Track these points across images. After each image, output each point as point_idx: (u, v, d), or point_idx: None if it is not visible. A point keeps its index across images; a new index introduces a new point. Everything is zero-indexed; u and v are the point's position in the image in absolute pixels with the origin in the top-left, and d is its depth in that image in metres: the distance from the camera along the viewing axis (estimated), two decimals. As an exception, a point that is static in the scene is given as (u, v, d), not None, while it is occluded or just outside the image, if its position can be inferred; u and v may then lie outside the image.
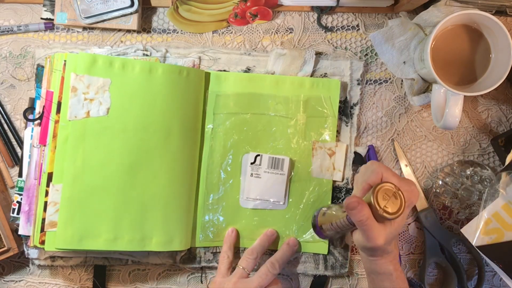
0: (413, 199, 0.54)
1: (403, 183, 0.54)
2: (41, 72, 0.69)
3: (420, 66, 0.68)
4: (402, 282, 0.58)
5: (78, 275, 0.71)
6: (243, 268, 0.66)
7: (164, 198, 0.66)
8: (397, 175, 0.55)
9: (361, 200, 0.52)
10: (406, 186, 0.54)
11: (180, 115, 0.67)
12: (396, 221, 0.53)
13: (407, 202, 0.53)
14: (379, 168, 0.54)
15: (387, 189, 0.52)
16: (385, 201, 0.52)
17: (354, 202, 0.52)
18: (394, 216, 0.52)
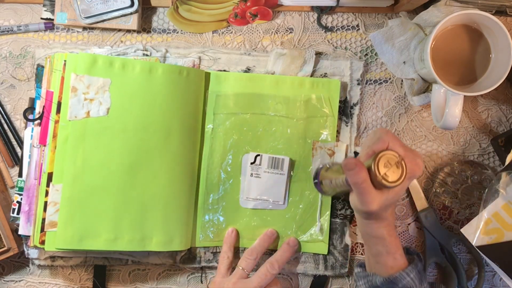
0: (417, 172, 0.53)
1: (408, 154, 0.53)
2: (41, 72, 0.69)
3: (420, 66, 0.68)
4: (396, 247, 0.58)
5: (78, 275, 0.71)
6: (242, 269, 0.66)
7: (164, 198, 0.66)
8: (404, 146, 0.54)
9: (359, 162, 0.52)
10: (411, 157, 0.53)
11: (180, 115, 0.67)
12: (395, 190, 0.53)
13: (409, 174, 0.52)
14: (386, 136, 0.54)
15: (389, 157, 0.52)
16: (386, 169, 0.51)
17: (352, 163, 0.52)
18: (393, 185, 0.51)
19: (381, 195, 0.53)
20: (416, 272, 0.58)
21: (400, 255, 0.58)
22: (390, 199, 0.54)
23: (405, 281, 0.57)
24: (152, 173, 0.66)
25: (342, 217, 0.72)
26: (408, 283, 0.57)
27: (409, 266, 0.58)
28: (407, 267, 0.58)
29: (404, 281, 0.57)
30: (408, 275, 0.57)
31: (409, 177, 0.53)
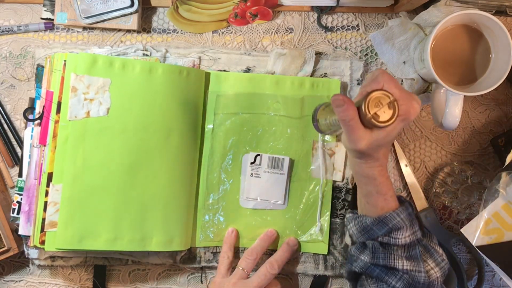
0: (411, 114, 0.53)
1: (403, 96, 0.52)
2: (41, 72, 0.69)
3: (420, 66, 0.68)
4: (387, 188, 0.57)
5: (78, 275, 0.71)
6: (242, 269, 0.66)
7: (164, 198, 0.66)
8: (401, 88, 0.53)
9: (348, 99, 0.52)
10: (406, 99, 0.52)
11: (180, 115, 0.67)
12: (386, 130, 0.52)
13: (403, 115, 0.52)
14: (382, 77, 0.53)
15: (381, 96, 0.51)
16: (376, 108, 0.51)
17: (340, 99, 0.52)
18: (383, 125, 0.51)
19: (371, 135, 0.52)
20: (407, 214, 0.57)
21: (391, 196, 0.58)
22: (381, 139, 0.53)
23: (395, 221, 0.56)
24: (152, 173, 0.66)
25: (342, 217, 0.72)
26: (398, 223, 0.56)
27: (400, 207, 0.57)
28: (397, 208, 0.57)
29: (394, 221, 0.56)
30: (398, 215, 0.57)
31: (402, 119, 0.52)
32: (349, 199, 0.72)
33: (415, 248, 0.58)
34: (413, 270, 0.56)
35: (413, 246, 0.58)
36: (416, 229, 0.58)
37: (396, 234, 0.57)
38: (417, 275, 0.56)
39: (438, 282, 0.58)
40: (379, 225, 0.57)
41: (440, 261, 0.59)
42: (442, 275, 0.59)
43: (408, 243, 0.57)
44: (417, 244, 0.58)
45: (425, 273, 0.57)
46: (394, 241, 0.57)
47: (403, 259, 0.57)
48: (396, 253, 0.57)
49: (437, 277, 0.58)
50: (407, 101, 0.52)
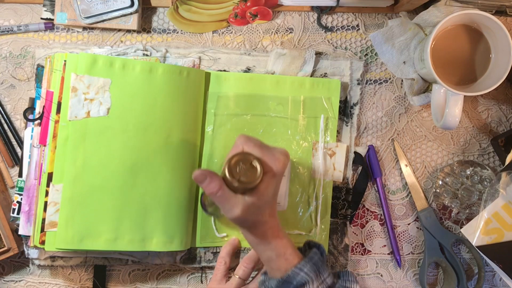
0: (278, 166, 0.52)
1: (264, 152, 0.52)
2: (41, 72, 0.69)
3: (420, 66, 0.68)
4: (284, 248, 0.56)
5: (78, 275, 0.71)
6: (239, 277, 0.65)
7: (165, 198, 0.66)
8: (261, 145, 0.53)
9: (209, 172, 0.51)
10: (268, 155, 0.52)
11: (180, 115, 0.67)
12: (260, 191, 0.52)
13: (270, 171, 0.52)
14: (239, 140, 0.53)
15: (241, 158, 0.51)
16: (239, 171, 0.51)
17: (200, 175, 0.51)
18: (249, 185, 0.51)
19: (244, 199, 0.52)
20: (311, 265, 0.55)
21: (291, 254, 0.56)
22: (256, 201, 0.52)
23: (299, 277, 0.54)
24: (153, 173, 0.66)
25: (342, 217, 0.72)
26: (303, 279, 0.54)
27: (301, 261, 0.55)
28: (299, 263, 0.55)
29: (298, 277, 0.54)
30: (301, 270, 0.55)
31: (271, 175, 0.52)
32: (349, 199, 0.72)
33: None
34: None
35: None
36: (325, 276, 0.56)
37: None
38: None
39: None
40: (284, 286, 0.55)
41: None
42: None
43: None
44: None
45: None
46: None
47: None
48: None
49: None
50: (270, 156, 0.52)
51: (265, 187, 0.52)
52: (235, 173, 0.51)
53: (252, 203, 0.52)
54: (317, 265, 0.56)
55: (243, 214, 0.52)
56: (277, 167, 0.52)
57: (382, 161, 0.73)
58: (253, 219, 0.54)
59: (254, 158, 0.51)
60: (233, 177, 0.51)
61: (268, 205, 0.54)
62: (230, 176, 0.51)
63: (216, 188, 0.51)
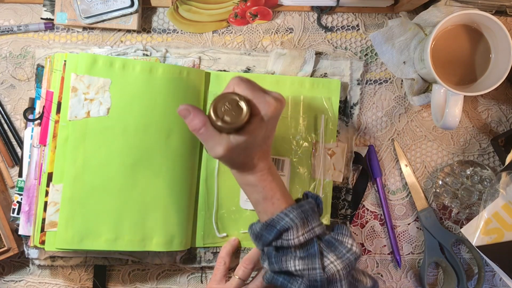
0: (267, 110, 0.52)
1: (255, 94, 0.52)
2: (41, 72, 0.69)
3: (420, 66, 0.68)
4: (272, 192, 0.55)
5: (78, 275, 0.71)
6: (239, 278, 0.65)
7: (165, 198, 0.66)
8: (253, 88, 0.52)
9: (193, 108, 0.51)
10: (258, 97, 0.52)
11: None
12: (247, 132, 0.51)
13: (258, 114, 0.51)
14: (232, 81, 0.53)
15: (228, 99, 0.51)
16: (224, 111, 0.51)
17: (184, 109, 0.51)
18: (233, 126, 0.51)
19: (228, 139, 0.51)
20: (298, 212, 0.54)
21: (279, 198, 0.55)
22: (243, 142, 0.52)
23: (283, 222, 0.53)
24: (153, 173, 0.66)
25: (342, 217, 0.72)
26: (287, 224, 0.53)
27: (288, 207, 0.55)
28: (285, 208, 0.54)
29: (282, 222, 0.53)
30: (287, 215, 0.54)
31: (260, 117, 0.52)
32: (349, 199, 0.72)
33: (313, 245, 0.54)
34: (305, 269, 0.53)
35: (310, 244, 0.54)
36: (313, 225, 0.54)
37: (287, 235, 0.53)
38: (311, 273, 0.53)
39: (340, 275, 0.53)
40: (268, 230, 0.54)
41: (345, 253, 0.54)
42: (346, 266, 0.54)
43: (303, 242, 0.54)
44: (316, 241, 0.54)
45: (320, 269, 0.52)
46: (287, 243, 0.54)
47: (295, 260, 0.53)
48: (291, 254, 0.54)
49: (338, 270, 0.53)
50: (260, 99, 0.52)
51: (253, 129, 0.52)
52: (220, 112, 0.51)
53: (236, 144, 0.52)
54: (306, 213, 0.54)
55: (226, 154, 0.52)
56: (266, 111, 0.52)
57: (382, 161, 0.73)
58: (239, 160, 0.54)
59: (241, 99, 0.51)
60: (217, 116, 0.51)
61: (257, 148, 0.54)
62: (214, 115, 0.51)
63: (199, 124, 0.51)
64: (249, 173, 0.55)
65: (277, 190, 0.56)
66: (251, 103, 0.52)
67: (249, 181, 0.56)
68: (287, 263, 0.53)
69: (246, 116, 0.51)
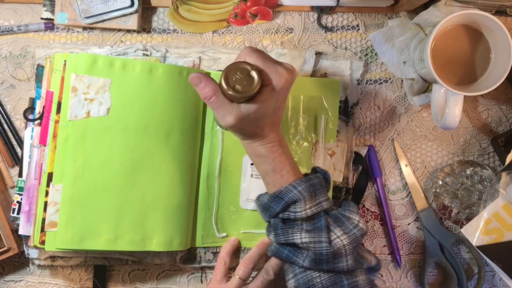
0: (279, 81, 0.52)
1: (267, 64, 0.52)
2: (41, 72, 0.69)
3: (420, 66, 0.68)
4: (282, 165, 0.55)
5: (78, 275, 0.71)
6: (239, 278, 0.65)
7: (165, 198, 0.66)
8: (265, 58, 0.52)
9: (205, 77, 0.51)
10: (270, 67, 0.52)
11: (180, 115, 0.67)
12: (258, 101, 0.51)
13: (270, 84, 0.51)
14: (243, 51, 0.53)
15: (240, 68, 0.51)
16: (236, 80, 0.51)
17: (196, 77, 0.51)
18: (244, 95, 0.51)
19: (238, 108, 0.52)
20: (307, 185, 0.54)
21: (288, 171, 0.55)
22: (253, 111, 0.52)
23: (291, 194, 0.53)
24: (153, 173, 0.66)
25: (342, 217, 0.72)
26: (295, 196, 0.53)
27: (297, 180, 0.54)
28: (294, 181, 0.54)
29: (290, 194, 0.53)
30: (295, 188, 0.54)
31: (271, 87, 0.51)
32: (349, 199, 0.72)
33: (320, 219, 0.54)
34: (312, 242, 0.52)
35: (317, 218, 0.54)
36: (321, 200, 0.55)
37: (294, 208, 0.54)
38: (317, 246, 0.52)
39: (346, 250, 0.53)
40: (275, 201, 0.54)
41: (352, 228, 0.54)
42: (352, 241, 0.53)
43: (310, 216, 0.54)
44: (323, 215, 0.54)
45: (326, 243, 0.52)
46: (294, 215, 0.54)
47: (302, 232, 0.53)
48: (298, 227, 0.54)
49: (344, 244, 0.53)
50: (272, 69, 0.52)
51: (263, 99, 0.52)
52: (231, 81, 0.51)
53: (247, 114, 0.52)
54: (314, 187, 0.55)
55: (236, 123, 0.52)
56: (277, 81, 0.52)
57: (382, 161, 0.73)
58: (250, 130, 0.54)
59: (253, 69, 0.51)
60: (228, 85, 0.51)
61: (268, 119, 0.54)
62: (225, 84, 0.51)
63: (210, 93, 0.51)
64: (260, 144, 0.55)
65: (287, 162, 0.56)
66: (262, 73, 0.52)
67: (259, 152, 0.55)
68: (293, 235, 0.53)
69: (258, 85, 0.51)
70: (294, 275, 0.55)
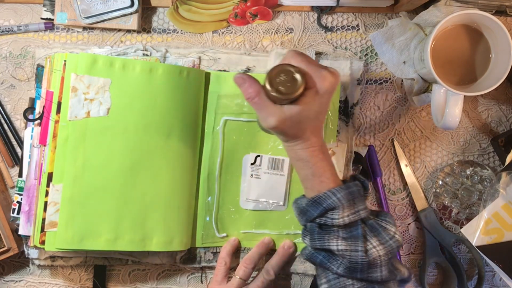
0: (323, 84, 0.51)
1: (312, 68, 0.52)
2: (41, 72, 0.69)
3: (420, 66, 0.68)
4: (323, 170, 0.55)
5: (78, 275, 0.71)
6: (239, 278, 0.65)
7: (165, 198, 0.66)
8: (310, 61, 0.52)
9: (249, 77, 0.51)
10: (315, 71, 0.52)
11: (180, 115, 0.67)
12: (301, 104, 0.51)
13: (314, 87, 0.51)
14: (289, 54, 0.53)
15: (284, 70, 0.51)
16: (280, 83, 0.50)
17: (240, 78, 0.52)
18: (287, 97, 0.50)
19: (281, 110, 0.51)
20: (346, 193, 0.54)
21: (328, 178, 0.55)
22: (296, 114, 0.52)
23: (330, 201, 0.53)
24: (153, 173, 0.66)
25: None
26: (333, 203, 0.53)
27: (338, 187, 0.54)
28: (334, 188, 0.54)
29: (329, 200, 0.53)
30: (334, 194, 0.53)
31: (315, 91, 0.51)
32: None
33: (357, 227, 0.54)
34: (348, 250, 0.53)
35: (354, 226, 0.54)
36: (359, 208, 0.55)
37: (332, 214, 0.54)
38: (353, 254, 0.53)
39: (381, 260, 0.53)
40: (314, 206, 0.54)
41: (388, 239, 0.54)
42: (387, 253, 0.54)
43: (347, 223, 0.54)
44: (360, 224, 0.54)
45: (362, 252, 0.53)
46: (331, 222, 0.54)
47: (338, 239, 0.53)
48: (334, 233, 0.54)
49: (380, 255, 0.53)
50: (316, 72, 0.51)
51: (307, 102, 0.51)
52: (274, 83, 0.50)
53: (290, 116, 0.52)
54: (353, 195, 0.54)
55: (278, 125, 0.52)
56: (321, 84, 0.51)
57: (382, 161, 0.73)
58: (292, 132, 0.53)
59: (297, 71, 0.51)
60: (272, 86, 0.50)
61: (310, 122, 0.53)
62: (269, 85, 0.51)
63: (253, 93, 0.51)
64: (301, 147, 0.55)
65: (327, 168, 0.55)
66: (306, 76, 0.51)
67: (300, 156, 0.55)
68: (330, 242, 0.54)
69: (301, 87, 0.50)
70: (328, 280, 0.55)
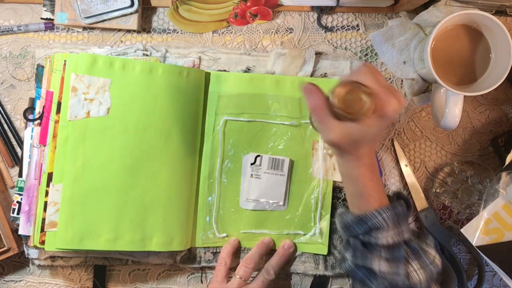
0: (388, 110, 0.51)
1: (381, 90, 0.51)
2: (41, 72, 0.69)
3: (420, 66, 0.68)
4: (371, 190, 0.55)
5: (78, 275, 0.71)
6: (240, 278, 0.65)
7: (165, 198, 0.66)
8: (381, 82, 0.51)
9: (317, 89, 0.51)
10: (384, 94, 0.51)
11: (180, 115, 0.67)
12: (361, 125, 0.51)
13: (379, 111, 0.50)
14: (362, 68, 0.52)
15: (352, 88, 0.50)
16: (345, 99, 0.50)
17: (308, 87, 0.52)
18: (350, 116, 0.50)
19: (342, 126, 0.51)
20: (392, 213, 0.54)
21: (375, 198, 0.55)
22: (355, 133, 0.51)
23: (375, 220, 0.54)
24: (153, 173, 0.66)
25: (342, 217, 0.72)
26: (379, 222, 0.54)
27: (384, 207, 0.55)
28: (380, 207, 0.55)
29: (375, 219, 0.54)
30: (380, 214, 0.54)
31: (379, 114, 0.51)
32: (349, 199, 0.72)
33: (399, 249, 0.55)
34: (390, 272, 0.54)
35: (397, 247, 0.55)
36: (402, 229, 0.56)
37: (376, 233, 0.54)
38: (395, 277, 0.54)
39: (421, 286, 0.54)
40: (359, 224, 0.55)
41: (428, 264, 0.56)
42: (428, 278, 0.55)
43: (391, 244, 0.55)
44: (403, 245, 0.55)
45: (403, 275, 0.54)
46: (375, 241, 0.54)
47: (380, 260, 0.54)
48: (377, 253, 0.55)
49: (420, 280, 0.54)
50: (385, 96, 0.51)
51: (368, 124, 0.51)
52: (340, 98, 0.50)
53: (349, 134, 0.52)
54: (398, 216, 0.55)
55: (336, 141, 0.52)
56: (387, 109, 0.51)
57: (382, 161, 0.73)
58: (347, 149, 0.53)
59: (366, 92, 0.49)
60: (337, 102, 0.50)
61: (367, 143, 0.53)
62: (333, 99, 0.50)
63: (317, 104, 0.51)
64: (353, 165, 0.55)
65: (375, 189, 0.56)
66: (373, 97, 0.50)
67: (350, 173, 0.56)
68: (372, 261, 0.54)
69: (370, 111, 0.50)
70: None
